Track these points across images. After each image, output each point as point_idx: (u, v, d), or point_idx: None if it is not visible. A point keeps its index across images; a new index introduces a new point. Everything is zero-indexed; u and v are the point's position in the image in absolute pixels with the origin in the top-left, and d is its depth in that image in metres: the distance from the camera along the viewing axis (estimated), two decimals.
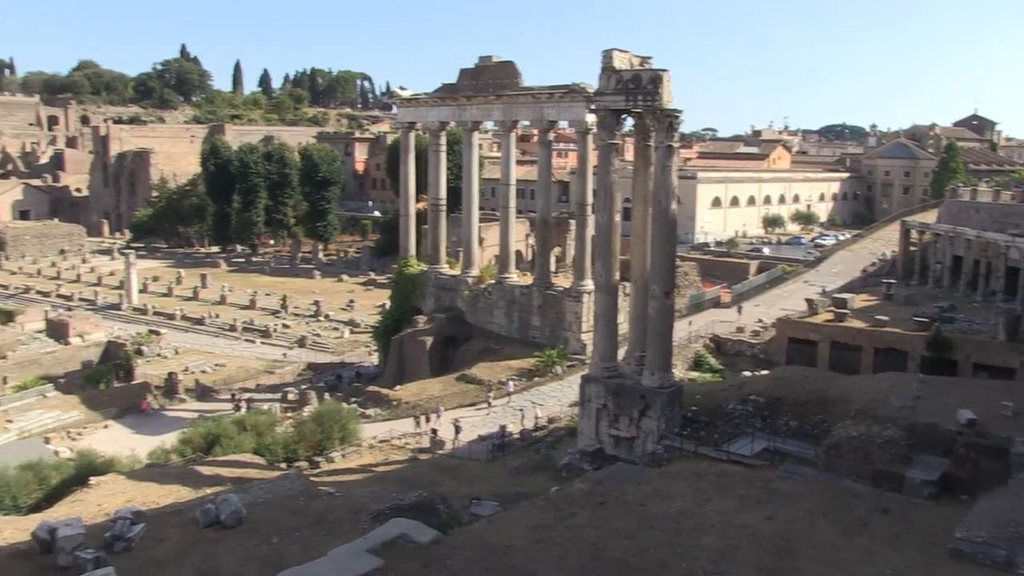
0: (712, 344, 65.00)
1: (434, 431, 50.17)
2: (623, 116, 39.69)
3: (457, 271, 71.19)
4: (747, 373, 53.66)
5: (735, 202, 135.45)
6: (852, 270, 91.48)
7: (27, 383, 68.54)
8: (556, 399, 55.89)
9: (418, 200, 75.53)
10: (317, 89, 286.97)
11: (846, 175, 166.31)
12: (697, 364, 61.56)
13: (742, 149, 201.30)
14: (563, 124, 67.61)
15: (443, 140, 71.06)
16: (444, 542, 19.41)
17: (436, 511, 24.36)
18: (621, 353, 42.60)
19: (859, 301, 65.77)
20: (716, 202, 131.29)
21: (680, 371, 53.37)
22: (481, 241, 76.91)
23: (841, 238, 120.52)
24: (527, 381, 59.39)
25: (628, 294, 44.27)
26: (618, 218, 40.16)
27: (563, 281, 68.53)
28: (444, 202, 71.33)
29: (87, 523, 23.87)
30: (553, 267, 72.45)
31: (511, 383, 58.08)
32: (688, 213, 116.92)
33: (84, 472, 37.23)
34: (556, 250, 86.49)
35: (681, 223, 49.49)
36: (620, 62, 38.56)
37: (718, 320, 70.00)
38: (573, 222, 75.15)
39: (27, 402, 65.08)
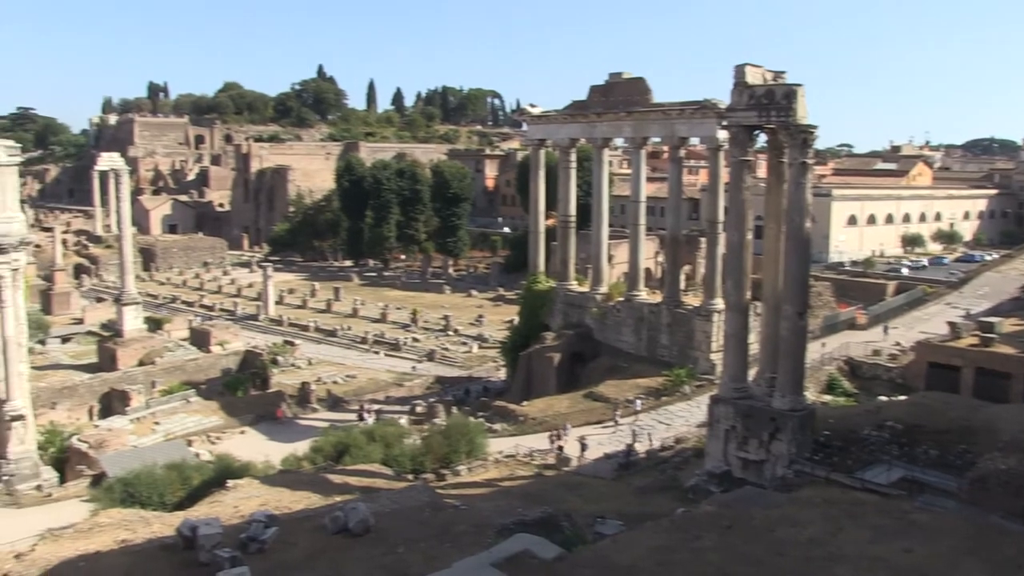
0: (846, 367, 62.78)
1: (560, 448, 50.09)
2: (755, 132, 38.88)
3: (586, 288, 71.06)
4: (883, 398, 51.58)
5: (872, 220, 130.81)
6: (1000, 292, 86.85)
7: (172, 388, 71.93)
8: (684, 419, 55.03)
9: (547, 217, 75.81)
10: (448, 107, 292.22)
11: (994, 192, 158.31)
12: (830, 387, 59.57)
13: (880, 165, 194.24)
14: (694, 141, 66.77)
15: (573, 157, 71.17)
16: (567, 559, 19.28)
17: (560, 528, 24.22)
18: (751, 374, 41.61)
19: (1008, 325, 62.28)
20: (851, 220, 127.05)
21: (812, 394, 51.77)
22: (610, 258, 76.56)
23: (988, 258, 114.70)
24: (655, 400, 58.68)
25: (759, 314, 43.24)
26: (750, 236, 39.31)
27: (693, 300, 67.48)
28: (574, 219, 71.41)
29: (224, 523, 24.83)
30: (682, 285, 71.44)
31: (638, 401, 57.51)
32: (822, 231, 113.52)
33: (222, 475, 38.83)
34: (686, 268, 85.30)
35: (815, 242, 48.15)
36: (753, 77, 37.81)
37: (853, 342, 67.57)
38: (703, 240, 74.08)
39: (172, 406, 68.28)
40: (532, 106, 74.39)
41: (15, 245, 48.94)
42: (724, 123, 41.77)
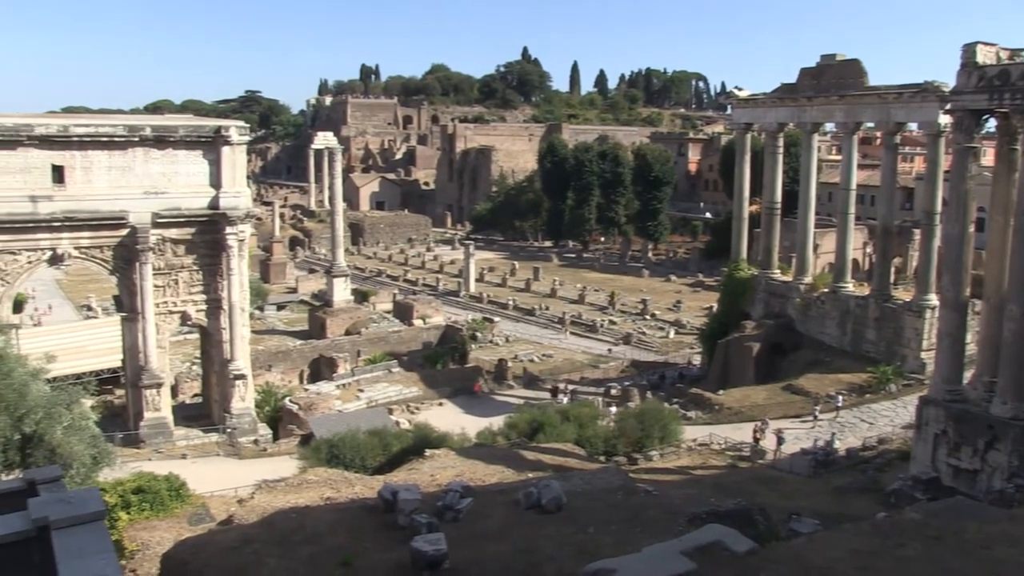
0: None
1: (756, 440, 48.95)
2: (984, 117, 36.34)
3: (789, 277, 68.85)
4: None
5: None
6: None
7: (376, 358, 75.22)
8: (888, 419, 52.42)
9: (751, 203, 73.90)
10: (652, 89, 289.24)
11: None
12: None
13: None
14: (911, 126, 63.15)
15: (780, 142, 68.94)
16: (760, 554, 18.74)
17: (754, 522, 23.58)
18: (966, 376, 39.13)
19: None
20: None
21: None
22: (816, 247, 73.76)
23: None
24: (857, 397, 56.19)
25: (978, 312, 40.54)
26: (971, 229, 36.89)
27: (902, 294, 64.12)
28: (779, 206, 69.21)
29: (422, 490, 25.72)
30: (892, 279, 67.96)
31: (840, 397, 55.23)
32: None
33: (420, 444, 40.22)
34: (896, 260, 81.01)
35: None
36: (984, 56, 35.23)
37: None
38: (917, 231, 70.21)
39: (375, 375, 71.39)
40: (738, 89, 72.56)
41: (242, 217, 52.65)
42: (947, 107, 39.33)
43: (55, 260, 50.89)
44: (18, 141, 47.58)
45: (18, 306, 67.49)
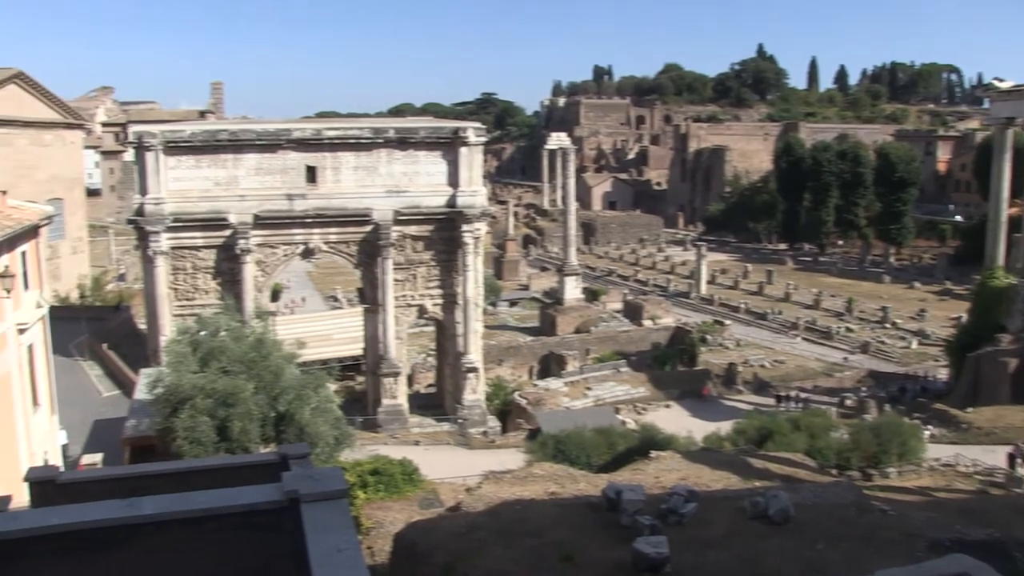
0: None
1: (1011, 465, 45.10)
2: None
3: None
4: None
5: None
6: None
7: (604, 356, 75.65)
8: None
9: (1010, 205, 68.43)
10: (896, 84, 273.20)
11: None
12: None
13: None
14: None
15: None
16: None
17: (1009, 557, 21.64)
18: None
19: None
20: None
21: None
22: None
23: None
24: None
25: None
26: None
27: None
28: None
29: (646, 492, 25.56)
30: None
31: None
32: None
33: (645, 445, 40.00)
34: None
35: None
36: None
37: None
38: None
39: (603, 374, 71.74)
40: (999, 80, 67.17)
41: (478, 216, 54.45)
42: None
43: (307, 254, 55.03)
44: (278, 144, 51.93)
45: (275, 295, 72.98)
